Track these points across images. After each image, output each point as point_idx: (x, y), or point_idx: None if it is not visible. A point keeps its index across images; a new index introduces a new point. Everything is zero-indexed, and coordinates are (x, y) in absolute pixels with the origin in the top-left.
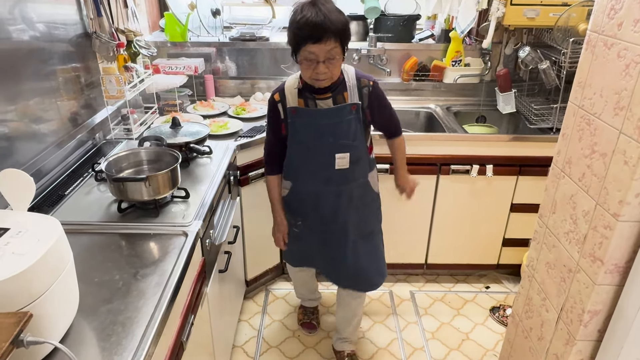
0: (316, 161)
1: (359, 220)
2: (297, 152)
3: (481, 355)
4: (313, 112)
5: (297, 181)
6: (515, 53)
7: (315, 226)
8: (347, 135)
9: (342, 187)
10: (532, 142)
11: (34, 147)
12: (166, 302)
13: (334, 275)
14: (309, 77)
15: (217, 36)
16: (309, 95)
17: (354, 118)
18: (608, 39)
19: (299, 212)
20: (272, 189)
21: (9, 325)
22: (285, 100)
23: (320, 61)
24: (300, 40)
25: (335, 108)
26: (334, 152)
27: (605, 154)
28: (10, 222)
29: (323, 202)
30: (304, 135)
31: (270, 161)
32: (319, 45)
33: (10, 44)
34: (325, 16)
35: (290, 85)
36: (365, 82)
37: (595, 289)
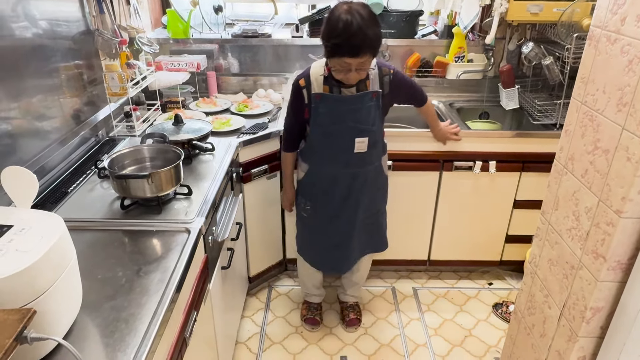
0: (337, 144)
1: (369, 202)
2: (318, 135)
3: (484, 352)
4: (337, 98)
5: (316, 163)
6: (519, 49)
7: (324, 208)
8: (367, 120)
9: (359, 169)
10: (536, 138)
11: (37, 144)
12: (169, 299)
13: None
14: (339, 77)
15: (219, 33)
16: (334, 83)
17: (374, 105)
18: (611, 35)
19: (310, 194)
20: (287, 164)
21: (13, 321)
22: (311, 86)
23: (352, 70)
24: (337, 52)
25: (358, 95)
26: (354, 137)
27: (608, 150)
28: (13, 219)
29: (339, 183)
30: (326, 120)
31: (288, 138)
32: (354, 58)
33: (13, 41)
34: (365, 33)
35: (316, 72)
36: (386, 71)
37: (598, 285)
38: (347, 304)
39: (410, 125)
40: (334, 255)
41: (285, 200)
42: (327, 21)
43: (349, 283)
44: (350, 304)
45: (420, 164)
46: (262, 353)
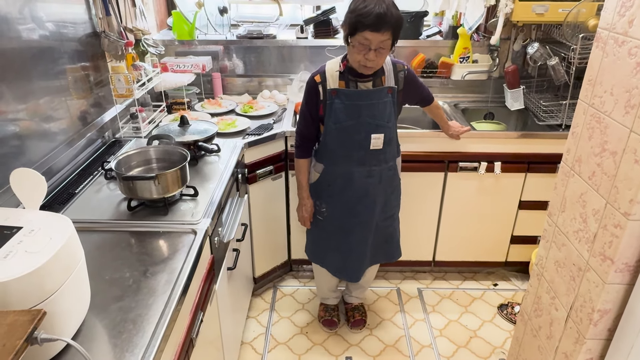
0: (352, 141)
1: (384, 203)
2: (333, 132)
3: (489, 353)
4: (353, 92)
5: (331, 162)
6: (524, 49)
7: (340, 210)
8: (383, 116)
9: (374, 167)
10: (541, 139)
11: (44, 146)
12: (176, 300)
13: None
14: (357, 60)
15: (224, 34)
16: (351, 78)
17: (389, 101)
18: (619, 37)
19: (326, 195)
20: (302, 172)
21: (23, 322)
22: (326, 82)
23: (372, 48)
24: (361, 26)
25: (375, 90)
26: (370, 132)
27: (615, 152)
28: (22, 220)
29: (354, 182)
30: (342, 115)
31: (302, 144)
32: (376, 34)
33: (21, 43)
34: (388, 9)
35: (331, 69)
36: (401, 67)
37: (605, 287)
38: (352, 305)
39: (415, 126)
40: (350, 262)
41: (303, 213)
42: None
43: (355, 285)
44: (356, 305)
45: (425, 164)
46: (267, 353)
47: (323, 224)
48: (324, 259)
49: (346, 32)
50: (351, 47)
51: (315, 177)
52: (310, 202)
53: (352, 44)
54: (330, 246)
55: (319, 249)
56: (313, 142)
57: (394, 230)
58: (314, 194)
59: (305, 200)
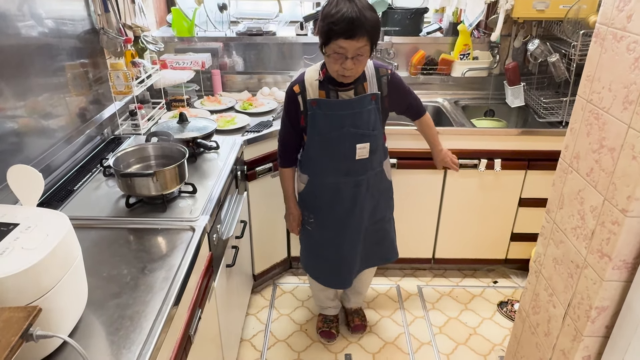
0: (337, 152)
1: (372, 208)
2: (316, 144)
3: (488, 350)
4: (334, 102)
5: (316, 174)
6: (524, 46)
7: (329, 221)
8: (368, 124)
9: (361, 176)
10: (541, 136)
11: (43, 143)
12: (174, 297)
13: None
14: (335, 70)
15: (224, 31)
16: (331, 87)
17: (373, 108)
18: (617, 32)
19: (313, 207)
20: (286, 180)
21: (19, 319)
22: (306, 92)
23: (348, 57)
24: (333, 34)
25: (357, 98)
26: (355, 143)
27: (613, 148)
28: (19, 217)
29: (342, 193)
30: (324, 127)
31: (285, 153)
32: (350, 41)
33: (19, 40)
34: (360, 12)
35: (311, 77)
36: (384, 72)
37: (603, 285)
38: (351, 309)
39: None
40: (340, 270)
41: (291, 221)
42: (324, 6)
43: (352, 290)
44: (355, 309)
45: (425, 162)
46: (266, 350)
47: (312, 234)
48: (314, 268)
49: (320, 41)
50: (327, 57)
51: (301, 188)
52: (297, 212)
53: (327, 54)
54: (321, 256)
55: (311, 260)
56: (296, 151)
57: (385, 232)
58: (300, 204)
59: (293, 209)
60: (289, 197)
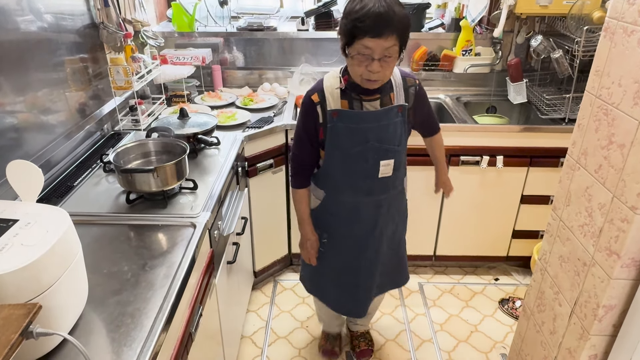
0: (358, 169)
1: (392, 232)
2: (335, 159)
3: (490, 347)
4: (358, 114)
5: (334, 191)
6: (527, 42)
7: (346, 243)
8: (393, 139)
9: (383, 196)
10: (544, 132)
11: (42, 138)
12: (175, 294)
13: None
14: (359, 74)
15: (224, 26)
16: (354, 96)
17: (399, 121)
18: (628, 26)
19: (328, 226)
20: (302, 203)
21: (18, 316)
22: (326, 102)
23: (375, 58)
24: (358, 32)
25: (384, 110)
26: (379, 159)
27: (623, 144)
28: (19, 213)
29: (361, 214)
30: (345, 141)
31: (299, 172)
32: (378, 40)
33: (19, 35)
34: (389, 7)
35: (331, 85)
36: (412, 82)
37: (611, 283)
38: (357, 332)
39: None
40: (357, 298)
41: (308, 249)
42: (348, 2)
43: None
44: (361, 332)
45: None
46: (267, 347)
47: (324, 255)
48: (324, 292)
49: (343, 41)
50: (350, 59)
51: (315, 204)
52: (315, 237)
53: (350, 55)
54: (332, 280)
55: (319, 282)
56: (312, 169)
57: (402, 255)
58: (313, 221)
59: (310, 235)
60: (304, 221)
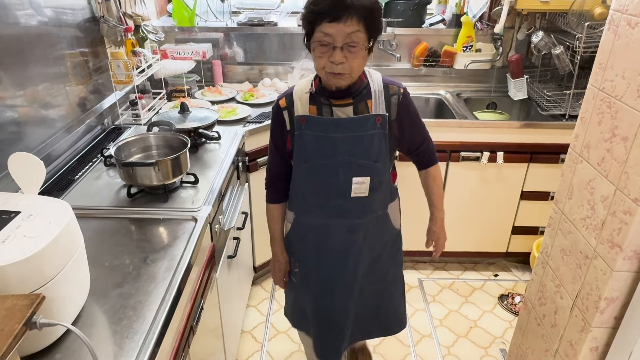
0: (327, 186)
1: (370, 263)
2: (302, 173)
3: (489, 343)
4: (327, 121)
5: (301, 211)
6: (528, 38)
7: (315, 273)
8: (369, 154)
9: (357, 220)
10: (544, 128)
11: (43, 132)
12: (176, 287)
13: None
14: (322, 67)
15: (225, 21)
16: (324, 101)
17: (378, 133)
18: (632, 18)
19: (298, 254)
20: (273, 220)
21: (22, 307)
22: (293, 108)
23: (337, 46)
24: (314, 17)
25: (357, 118)
26: (351, 175)
27: (626, 137)
28: (21, 205)
29: (331, 239)
30: (313, 152)
31: (271, 185)
32: (336, 24)
33: (19, 29)
34: None
35: (300, 90)
36: (395, 89)
37: (613, 275)
38: (354, 347)
39: None
40: (328, 338)
41: (276, 271)
42: None
43: None
44: (360, 347)
45: None
46: (267, 342)
47: (296, 286)
48: (306, 326)
49: (304, 34)
50: (313, 53)
51: (287, 228)
52: (284, 259)
53: (312, 48)
54: (308, 314)
55: (299, 315)
56: (284, 183)
57: (389, 295)
58: (287, 249)
59: (279, 255)
60: (275, 240)
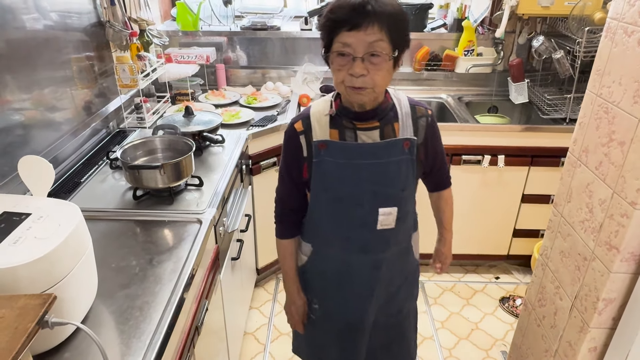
0: (350, 217)
1: (390, 296)
2: (322, 204)
3: (490, 345)
4: (351, 147)
5: (321, 244)
6: (529, 42)
7: (337, 310)
8: (396, 182)
9: (382, 254)
10: (545, 132)
11: (49, 135)
12: (182, 288)
13: None
14: (341, 81)
15: (228, 25)
16: (347, 124)
17: (405, 159)
18: (628, 27)
19: (317, 289)
20: (286, 257)
21: (35, 306)
22: (311, 132)
23: (357, 57)
24: (333, 26)
25: (384, 143)
26: (377, 206)
27: (623, 142)
28: (31, 207)
29: (354, 276)
30: (335, 180)
31: (283, 219)
32: (356, 33)
33: (25, 33)
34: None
35: (319, 112)
36: (422, 111)
37: (611, 277)
38: None
39: None
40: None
41: (293, 314)
42: None
43: None
44: None
45: None
46: (270, 344)
47: (316, 323)
48: None
49: (322, 45)
50: (332, 66)
51: (302, 261)
52: (302, 300)
53: (331, 60)
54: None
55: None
56: (298, 215)
57: (401, 330)
58: (301, 282)
59: (295, 297)
60: (290, 279)
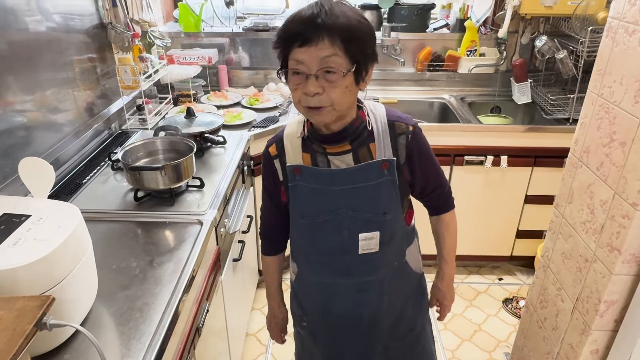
0: (329, 243)
1: (396, 318)
2: (302, 228)
3: (493, 346)
4: (324, 173)
5: (303, 267)
6: (532, 42)
7: (324, 336)
8: (376, 206)
9: (368, 277)
10: (548, 132)
11: (51, 137)
12: (182, 289)
13: None
14: (297, 101)
15: (230, 26)
16: (317, 148)
17: (385, 181)
18: (629, 26)
19: (306, 308)
20: (268, 272)
21: (33, 307)
22: (285, 156)
23: (310, 74)
24: (285, 43)
25: (358, 168)
26: (357, 231)
27: (624, 142)
28: (31, 209)
29: (340, 300)
30: (311, 206)
31: (266, 235)
32: (308, 48)
33: (28, 34)
34: (322, 9)
35: (291, 134)
36: (402, 128)
37: (612, 278)
38: None
39: (420, 119)
40: None
41: (273, 326)
42: None
43: None
44: None
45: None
46: (272, 345)
47: (306, 340)
48: None
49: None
50: (288, 85)
51: (293, 277)
52: (281, 314)
53: (287, 80)
54: None
55: None
56: (284, 232)
57: (421, 348)
58: (293, 298)
59: (275, 309)
60: (271, 294)
